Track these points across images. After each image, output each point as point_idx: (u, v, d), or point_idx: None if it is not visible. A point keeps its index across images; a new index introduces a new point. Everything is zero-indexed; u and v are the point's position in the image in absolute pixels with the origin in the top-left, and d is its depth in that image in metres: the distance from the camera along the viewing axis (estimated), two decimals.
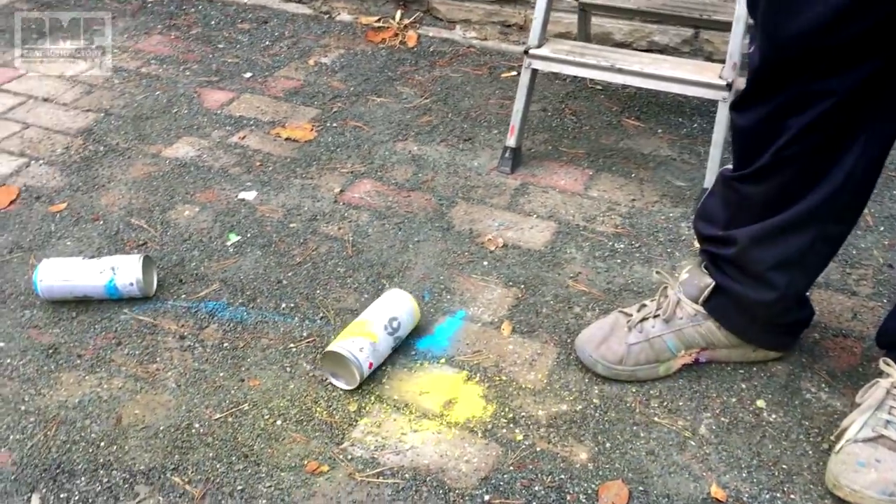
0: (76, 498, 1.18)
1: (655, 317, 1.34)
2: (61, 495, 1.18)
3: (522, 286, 1.56)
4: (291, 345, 1.44)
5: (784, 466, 1.21)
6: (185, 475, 1.21)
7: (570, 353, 1.40)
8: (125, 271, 1.50)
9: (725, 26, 1.95)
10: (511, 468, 1.21)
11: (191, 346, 1.44)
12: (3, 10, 2.77)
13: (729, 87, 1.66)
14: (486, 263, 1.62)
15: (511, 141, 1.88)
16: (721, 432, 1.27)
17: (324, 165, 1.93)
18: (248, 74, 2.35)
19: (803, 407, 1.31)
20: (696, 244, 1.63)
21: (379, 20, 2.61)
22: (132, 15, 2.75)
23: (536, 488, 1.18)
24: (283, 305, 1.52)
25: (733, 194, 1.24)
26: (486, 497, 1.17)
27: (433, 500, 1.17)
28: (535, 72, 1.83)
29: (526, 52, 1.81)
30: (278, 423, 1.29)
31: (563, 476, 1.20)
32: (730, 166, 1.26)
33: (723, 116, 1.68)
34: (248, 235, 1.70)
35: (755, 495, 1.17)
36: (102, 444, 1.26)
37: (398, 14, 2.60)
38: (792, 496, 1.17)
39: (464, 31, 2.54)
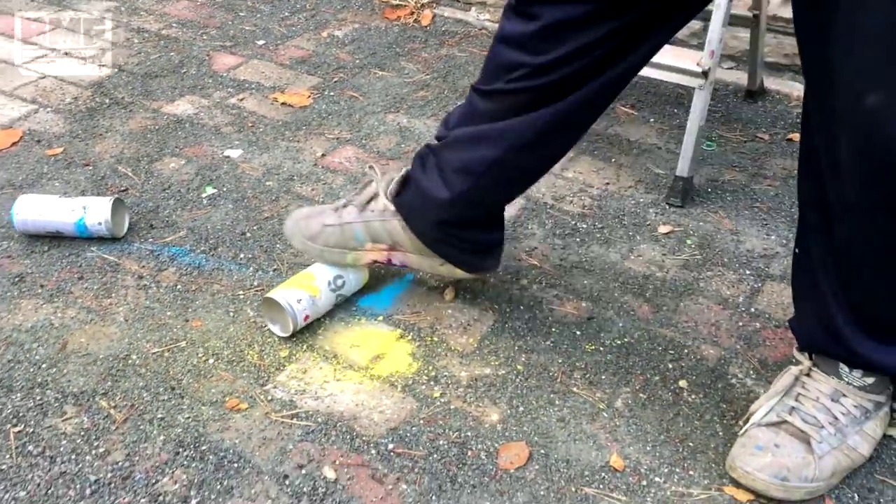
0: (9, 411, 1.25)
1: (353, 205, 1.39)
2: None
3: None
4: (240, 292, 1.49)
5: (690, 444, 1.21)
6: (112, 400, 1.27)
7: (506, 321, 1.42)
8: (95, 212, 1.57)
9: (734, 19, 1.94)
10: (421, 422, 1.24)
11: (146, 286, 1.50)
12: None
13: (705, 74, 1.65)
14: None
15: None
16: (636, 407, 1.27)
17: (312, 131, 1.98)
18: (261, 42, 2.42)
19: (725, 391, 1.30)
20: (660, 228, 1.63)
21: None
22: None
23: (441, 442, 1.21)
24: (242, 256, 1.58)
25: (469, 103, 1.27)
26: (391, 446, 1.20)
27: (339, 444, 1.20)
28: None
29: None
30: (210, 361, 1.34)
31: (469, 433, 1.22)
32: None
33: (698, 104, 1.67)
34: (224, 189, 1.76)
35: (654, 468, 1.17)
36: (44, 365, 1.33)
37: None
38: (691, 472, 1.17)
39: (478, 13, 2.57)
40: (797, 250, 1.14)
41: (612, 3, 1.06)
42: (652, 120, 2.04)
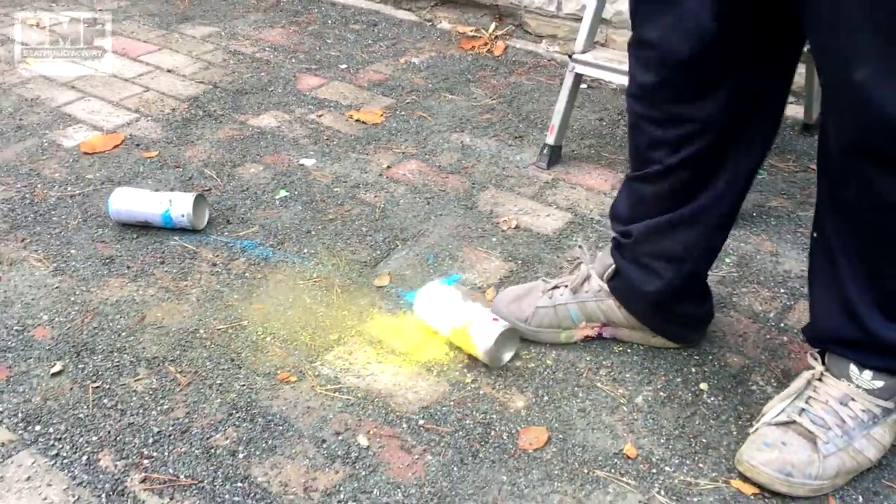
0: (89, 369, 1.41)
1: (567, 287, 1.44)
2: (79, 366, 1.42)
3: (520, 262, 1.68)
4: (300, 282, 1.63)
5: (704, 440, 1.27)
6: (179, 366, 1.42)
7: None
8: (179, 205, 1.75)
9: None
10: (451, 403, 1.34)
11: (218, 272, 1.66)
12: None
13: None
14: (494, 239, 1.75)
15: (550, 139, 2.01)
16: (655, 404, 1.34)
17: (381, 145, 2.13)
18: (344, 66, 2.60)
19: (744, 395, 1.36)
20: None
21: (475, 30, 2.81)
22: (264, 11, 3.09)
23: (467, 422, 1.31)
24: (305, 251, 1.72)
25: (629, 191, 1.34)
26: (421, 422, 1.31)
27: (374, 416, 1.32)
28: (578, 76, 1.96)
29: (570, 57, 1.94)
30: (267, 339, 1.48)
31: (494, 416, 1.32)
32: None
33: None
34: (296, 193, 1.92)
35: (665, 458, 1.24)
36: (123, 334, 1.50)
37: (492, 26, 2.78)
38: (700, 465, 1.23)
39: (548, 45, 2.69)
40: (815, 234, 1.20)
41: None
42: None
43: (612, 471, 1.22)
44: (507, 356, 1.42)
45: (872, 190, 1.05)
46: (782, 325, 1.51)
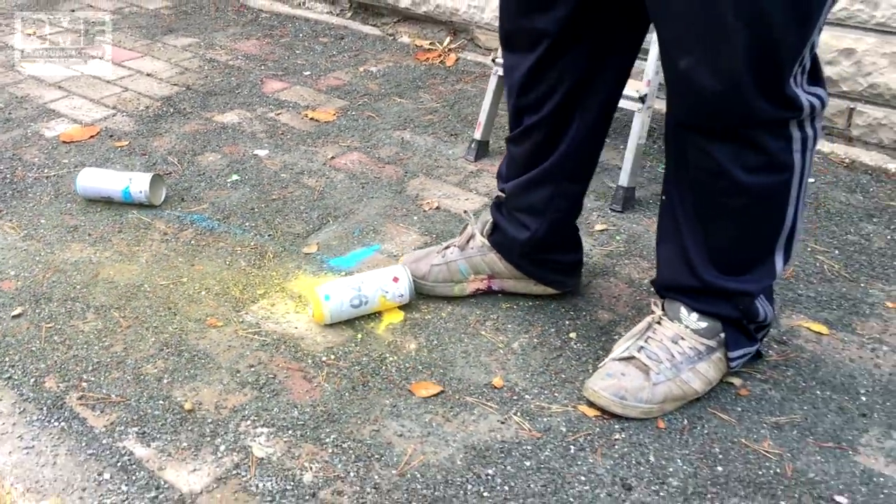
0: (45, 313, 1.63)
1: (455, 245, 1.67)
2: (37, 310, 1.64)
3: (434, 236, 1.90)
4: (238, 248, 1.85)
5: (563, 376, 1.48)
6: (123, 313, 1.64)
7: None
8: (138, 182, 1.98)
9: None
10: (353, 345, 1.56)
11: (168, 240, 1.88)
12: (148, 14, 3.46)
13: (642, 99, 1.95)
14: (415, 218, 1.97)
15: (477, 134, 2.23)
16: (528, 348, 1.55)
17: (329, 140, 2.36)
18: (307, 73, 2.85)
19: (607, 342, 1.56)
20: (596, 226, 1.92)
21: (431, 43, 3.05)
22: (243, 25, 3.35)
23: (363, 359, 1.52)
24: (247, 224, 1.95)
25: (508, 154, 1.57)
26: (324, 359, 1.52)
27: (284, 353, 1.53)
28: (500, 77, 2.19)
29: (493, 61, 2.17)
30: (202, 293, 1.70)
31: (387, 354, 1.53)
32: None
33: (637, 124, 1.97)
34: (246, 177, 2.15)
35: (527, 389, 1.45)
36: (78, 286, 1.72)
37: (447, 40, 3.03)
38: (556, 394, 1.44)
39: (495, 57, 2.93)
40: (664, 197, 1.41)
41: (561, 40, 1.36)
42: (621, 147, 2.32)
43: (480, 397, 1.43)
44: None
45: (704, 159, 1.27)
46: (652, 290, 1.72)
